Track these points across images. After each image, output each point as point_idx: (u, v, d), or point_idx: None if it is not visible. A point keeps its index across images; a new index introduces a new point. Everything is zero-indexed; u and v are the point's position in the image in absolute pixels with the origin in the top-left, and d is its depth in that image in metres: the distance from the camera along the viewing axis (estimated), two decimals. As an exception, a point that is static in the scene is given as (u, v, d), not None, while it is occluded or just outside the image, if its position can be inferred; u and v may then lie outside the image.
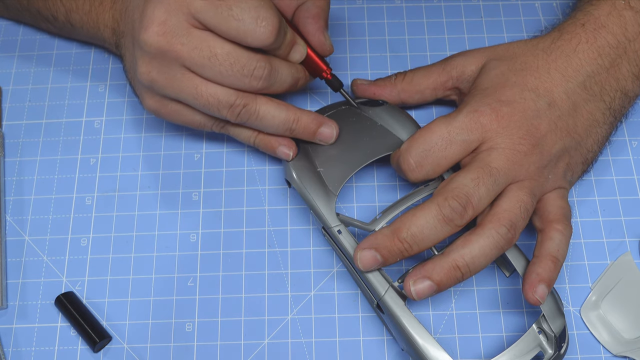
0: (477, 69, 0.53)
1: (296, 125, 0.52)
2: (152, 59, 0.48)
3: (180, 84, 0.49)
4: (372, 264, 0.47)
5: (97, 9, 0.56)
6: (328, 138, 0.53)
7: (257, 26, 0.46)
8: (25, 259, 0.54)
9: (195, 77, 0.49)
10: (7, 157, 0.58)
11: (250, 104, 0.50)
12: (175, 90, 0.49)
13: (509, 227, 0.46)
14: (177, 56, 0.48)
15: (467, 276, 0.46)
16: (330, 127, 0.53)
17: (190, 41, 0.47)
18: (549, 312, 0.48)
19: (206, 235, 0.55)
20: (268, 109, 0.50)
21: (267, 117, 0.51)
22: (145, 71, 0.49)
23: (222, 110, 0.49)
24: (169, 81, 0.49)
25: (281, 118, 0.51)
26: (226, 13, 0.46)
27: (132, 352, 0.51)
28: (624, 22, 0.52)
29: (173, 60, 0.48)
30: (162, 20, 0.47)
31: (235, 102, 0.49)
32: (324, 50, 0.53)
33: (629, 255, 0.54)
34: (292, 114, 0.51)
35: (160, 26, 0.47)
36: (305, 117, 0.52)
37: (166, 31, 0.47)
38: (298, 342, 0.52)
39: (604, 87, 0.51)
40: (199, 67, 0.48)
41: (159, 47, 0.47)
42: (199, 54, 0.47)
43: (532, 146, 0.48)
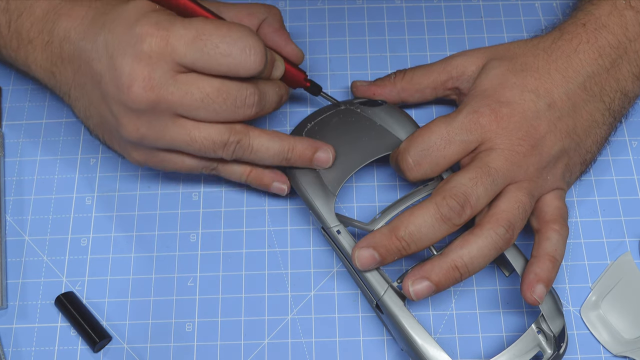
0: (477, 69, 0.53)
1: (291, 154, 0.51)
2: (140, 115, 0.46)
3: (172, 134, 0.47)
4: (370, 262, 0.47)
5: (25, 47, 0.51)
6: (325, 163, 0.52)
7: (248, 56, 0.45)
8: (25, 259, 0.54)
9: (187, 123, 0.47)
10: (7, 157, 0.58)
11: (244, 140, 0.49)
12: (168, 140, 0.48)
13: (507, 228, 0.46)
14: (168, 106, 0.46)
15: (465, 276, 0.46)
16: (326, 151, 0.52)
17: (180, 88, 0.45)
18: (548, 312, 0.48)
19: (206, 235, 0.55)
20: (261, 141, 0.50)
21: (261, 149, 0.50)
22: (133, 129, 0.47)
23: (217, 150, 0.48)
24: (160, 133, 0.47)
25: (275, 149, 0.50)
26: (213, 52, 0.45)
27: (132, 352, 0.52)
28: (625, 22, 0.51)
29: (164, 111, 0.46)
30: (146, 75, 0.45)
31: (228, 140, 0.48)
32: (298, 58, 0.54)
33: (629, 255, 0.54)
34: (286, 143, 0.50)
35: (145, 81, 0.45)
36: (300, 145, 0.51)
37: (153, 85, 0.45)
38: (298, 342, 0.52)
39: (603, 87, 0.51)
40: (193, 110, 0.46)
41: (148, 103, 0.45)
42: (191, 98, 0.46)
43: (531, 147, 0.48)
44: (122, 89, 0.45)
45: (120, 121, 0.47)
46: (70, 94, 0.51)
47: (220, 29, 0.45)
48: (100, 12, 0.48)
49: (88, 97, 0.49)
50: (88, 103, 0.50)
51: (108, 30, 0.46)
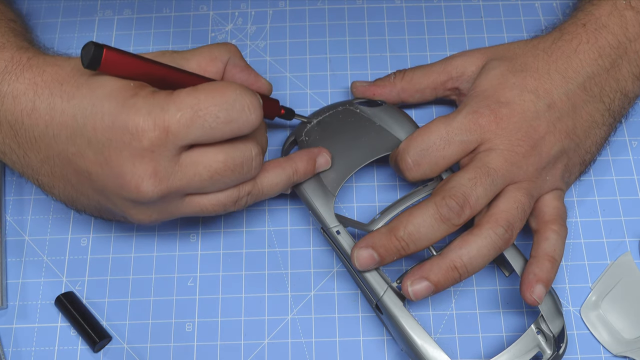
0: (477, 69, 0.53)
1: (297, 177, 0.50)
2: (150, 205, 0.44)
3: (183, 210, 0.46)
4: (369, 263, 0.47)
5: None
6: (325, 166, 0.52)
7: (249, 116, 0.43)
8: (25, 259, 0.55)
9: (196, 198, 0.46)
10: (8, 157, 0.58)
11: (253, 190, 0.47)
12: (180, 215, 0.47)
13: (507, 228, 0.46)
14: (177, 192, 0.44)
15: (464, 277, 0.46)
16: (323, 156, 0.51)
17: (186, 172, 0.43)
18: (548, 312, 0.48)
19: (206, 235, 0.55)
20: (268, 181, 0.48)
21: (271, 187, 0.48)
22: (144, 217, 0.46)
23: (230, 209, 0.47)
24: (172, 213, 0.46)
25: (282, 180, 0.49)
26: (214, 123, 0.42)
27: (132, 352, 0.52)
28: (625, 22, 0.51)
29: (175, 195, 0.44)
30: (151, 171, 0.42)
31: (239, 197, 0.47)
32: (268, 92, 0.54)
33: (629, 255, 0.54)
34: (289, 169, 0.49)
35: (152, 178, 0.42)
36: (300, 163, 0.50)
37: (161, 178, 0.42)
38: (298, 342, 0.52)
39: (603, 88, 0.51)
40: (202, 189, 0.45)
41: (159, 196, 0.43)
42: (200, 179, 0.44)
43: (530, 147, 0.48)
44: (129, 189, 0.42)
45: (129, 212, 0.45)
46: (40, 180, 0.47)
47: (214, 97, 0.42)
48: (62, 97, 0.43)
49: (73, 188, 0.46)
50: (75, 193, 0.47)
51: (84, 124, 0.42)
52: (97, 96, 0.42)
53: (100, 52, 0.41)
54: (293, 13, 0.63)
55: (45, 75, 0.45)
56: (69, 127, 0.43)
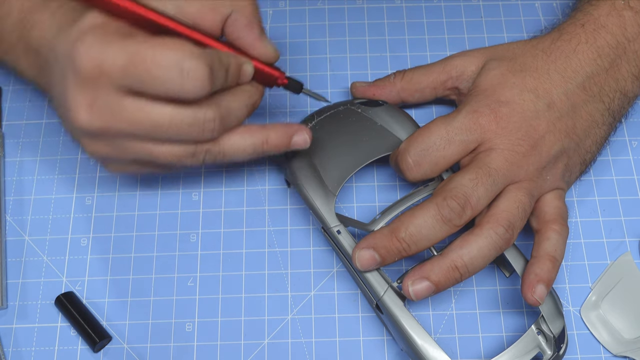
0: (476, 69, 0.53)
1: (267, 147, 0.48)
2: (94, 138, 0.44)
3: (132, 151, 0.45)
4: (370, 263, 0.47)
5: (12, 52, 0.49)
6: (302, 145, 0.49)
7: (185, 80, 0.41)
8: (25, 259, 0.55)
9: (146, 143, 0.44)
10: (7, 157, 0.58)
11: (213, 148, 0.46)
12: (131, 157, 0.45)
13: (507, 228, 0.46)
14: (118, 133, 0.43)
15: (465, 277, 0.46)
16: (301, 135, 0.49)
17: (127, 115, 0.42)
18: (548, 313, 0.48)
19: (206, 235, 0.55)
20: (232, 143, 0.46)
21: (234, 151, 0.47)
22: (93, 151, 0.45)
23: (185, 161, 0.46)
24: (121, 152, 0.45)
25: (249, 146, 0.47)
26: (147, 76, 0.41)
27: (132, 352, 0.52)
28: (624, 23, 0.51)
29: (117, 136, 0.44)
30: (88, 102, 0.42)
31: (195, 151, 0.45)
32: (269, 57, 0.48)
33: (629, 255, 0.54)
34: (258, 137, 0.47)
35: (88, 109, 0.42)
36: (273, 134, 0.47)
37: (100, 113, 0.42)
38: (298, 342, 0.52)
39: (603, 88, 0.51)
40: (147, 136, 0.43)
41: (97, 130, 0.43)
42: (141, 126, 0.43)
43: (530, 147, 0.48)
44: (70, 115, 0.43)
45: (80, 142, 0.45)
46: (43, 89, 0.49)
47: (155, 53, 0.41)
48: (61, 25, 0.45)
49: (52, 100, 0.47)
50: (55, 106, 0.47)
51: (59, 44, 0.43)
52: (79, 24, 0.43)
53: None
54: (293, 13, 0.63)
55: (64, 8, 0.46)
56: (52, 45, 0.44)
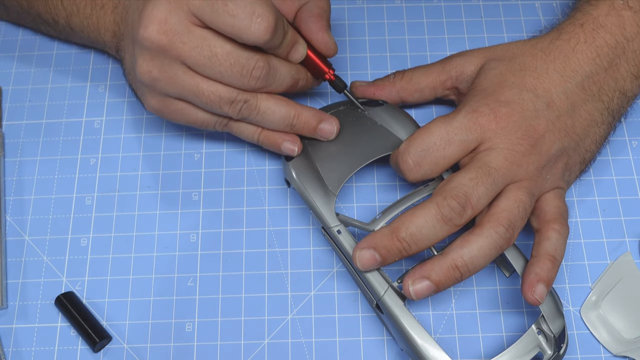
0: (476, 69, 0.53)
1: (297, 121, 0.52)
2: (153, 57, 0.48)
3: (182, 82, 0.49)
4: (371, 263, 0.47)
5: (98, 12, 0.56)
6: (328, 134, 0.53)
7: (252, 22, 0.46)
8: (25, 259, 0.55)
9: (196, 75, 0.49)
10: (7, 157, 0.58)
11: (251, 100, 0.50)
12: (177, 88, 0.49)
13: (508, 227, 0.46)
14: (178, 55, 0.48)
15: (465, 276, 0.46)
16: (330, 123, 0.53)
17: (191, 40, 0.47)
18: (549, 312, 0.48)
19: (206, 235, 0.55)
20: (269, 104, 0.51)
21: (267, 112, 0.51)
22: (146, 70, 0.49)
23: (223, 106, 0.50)
24: (170, 79, 0.49)
25: (282, 113, 0.51)
26: (222, 9, 0.45)
27: (132, 352, 0.52)
28: (623, 22, 0.52)
29: (174, 59, 0.48)
30: (163, 18, 0.47)
31: (236, 99, 0.49)
32: (328, 49, 0.52)
33: (629, 255, 0.54)
34: (292, 109, 0.51)
35: (160, 24, 0.47)
36: (306, 112, 0.52)
37: (167, 29, 0.47)
38: (298, 342, 0.52)
39: (602, 87, 0.51)
40: (200, 66, 0.48)
41: (160, 45, 0.47)
42: (200, 53, 0.47)
43: (530, 146, 0.48)
44: (140, 28, 0.47)
45: (137, 61, 0.49)
46: (120, 46, 0.55)
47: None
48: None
49: (127, 43, 0.53)
50: (124, 51, 0.54)
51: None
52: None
53: None
54: (293, 13, 0.63)
55: None
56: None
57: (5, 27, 0.64)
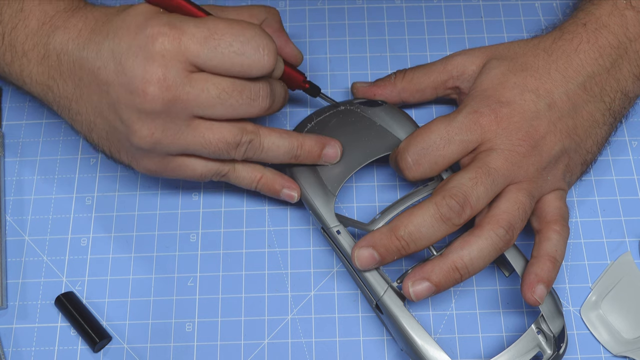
0: (477, 68, 0.53)
1: (301, 151, 0.51)
2: (155, 118, 0.45)
3: (186, 137, 0.47)
4: (369, 262, 0.47)
5: (20, 60, 0.49)
6: (333, 158, 0.52)
7: (262, 55, 0.45)
8: (25, 259, 0.55)
9: (200, 125, 0.47)
10: (7, 157, 0.58)
11: (255, 139, 0.49)
12: (182, 144, 0.47)
13: (507, 229, 0.46)
14: (185, 106, 0.45)
15: (465, 277, 0.46)
16: (333, 147, 0.52)
17: (194, 86, 0.45)
18: (548, 312, 0.48)
19: (206, 235, 0.55)
20: (272, 139, 0.50)
21: (272, 148, 0.50)
22: (147, 134, 0.46)
23: (230, 152, 0.48)
24: (174, 137, 0.46)
25: (285, 147, 0.50)
26: (227, 50, 0.44)
27: (132, 352, 0.52)
28: (625, 22, 0.51)
29: (180, 112, 0.45)
30: (161, 76, 0.44)
31: (241, 141, 0.48)
32: (297, 59, 0.54)
33: (629, 255, 0.54)
34: (295, 140, 0.51)
35: (160, 83, 0.44)
36: (308, 141, 0.51)
37: (169, 85, 0.44)
38: (298, 342, 0.52)
39: (604, 88, 0.51)
40: (209, 108, 0.46)
41: (165, 103, 0.44)
42: (208, 95, 0.45)
43: (531, 147, 0.48)
44: (137, 92, 0.44)
45: (133, 127, 0.46)
46: (71, 107, 0.49)
47: (233, 27, 0.45)
48: (101, 21, 0.47)
49: (93, 109, 0.48)
50: (93, 116, 0.48)
51: (113, 37, 0.45)
52: (130, 14, 0.46)
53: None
54: (293, 13, 0.63)
55: (95, 12, 0.49)
56: (100, 44, 0.46)
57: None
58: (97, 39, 0.46)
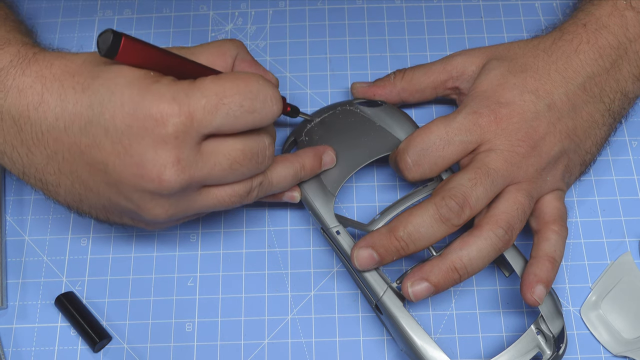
0: (477, 68, 0.53)
1: (304, 173, 0.50)
2: (169, 198, 0.43)
3: (200, 204, 0.45)
4: (369, 262, 0.47)
5: None
6: (330, 164, 0.52)
7: (271, 107, 0.43)
8: (25, 259, 0.55)
9: (211, 190, 0.45)
10: (8, 157, 0.58)
11: (264, 180, 0.47)
12: (196, 210, 0.46)
13: (506, 229, 0.46)
14: (198, 183, 0.43)
15: (464, 278, 0.46)
16: (329, 154, 0.52)
17: (207, 162, 0.42)
18: (548, 312, 0.48)
19: (206, 235, 0.55)
20: (277, 172, 0.48)
21: (279, 181, 0.48)
22: (161, 212, 0.43)
23: (243, 201, 0.47)
24: (188, 207, 0.45)
25: (291, 175, 0.49)
26: (238, 112, 0.41)
27: (132, 352, 0.52)
28: (625, 23, 0.51)
29: (193, 188, 0.43)
30: (175, 158, 0.40)
31: (252, 187, 0.46)
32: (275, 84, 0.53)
33: (629, 255, 0.54)
34: (297, 164, 0.49)
35: (176, 165, 0.41)
36: (307, 159, 0.50)
37: (184, 167, 0.41)
38: (298, 342, 0.52)
39: (603, 88, 0.51)
40: (223, 179, 0.44)
41: (182, 186, 0.42)
42: (220, 168, 0.43)
43: (530, 148, 0.48)
44: (150, 178, 0.41)
45: (145, 207, 0.43)
46: (46, 180, 0.45)
47: (238, 86, 0.42)
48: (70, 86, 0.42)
49: (81, 184, 0.44)
50: (82, 189, 0.44)
51: (101, 112, 0.40)
52: (116, 84, 0.41)
53: (118, 39, 0.40)
54: (293, 13, 0.63)
55: (53, 68, 0.43)
56: (83, 118, 0.41)
57: (5, 27, 0.64)
58: (74, 111, 0.41)
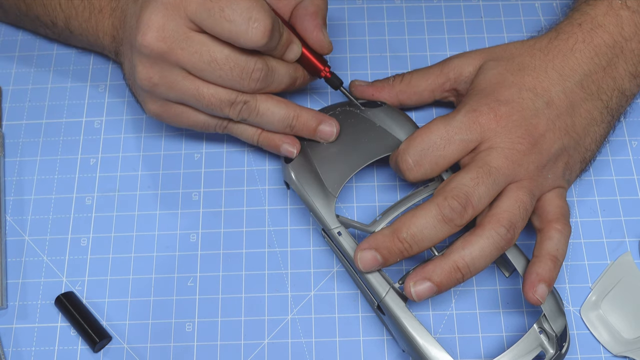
0: (474, 70, 0.53)
1: (296, 122, 0.52)
2: (152, 63, 0.48)
3: (182, 87, 0.49)
4: (372, 264, 0.47)
5: (96, 16, 0.56)
6: (328, 135, 0.53)
7: (249, 27, 0.46)
8: (25, 259, 0.54)
9: (196, 80, 0.49)
10: (7, 157, 0.58)
11: (251, 101, 0.50)
12: (178, 93, 0.50)
13: (509, 228, 0.46)
14: (177, 61, 0.48)
15: (467, 277, 0.46)
16: (330, 124, 0.53)
17: (190, 45, 0.47)
18: (550, 312, 0.48)
19: (206, 235, 0.55)
20: (268, 105, 0.51)
21: (267, 113, 0.51)
22: (145, 76, 0.49)
23: (224, 109, 0.50)
24: (170, 85, 0.49)
25: (281, 114, 0.51)
26: (218, 15, 0.46)
27: (132, 352, 0.51)
28: (621, 22, 0.52)
29: (173, 64, 0.48)
30: (160, 25, 0.47)
31: (236, 100, 0.50)
32: (323, 47, 0.53)
33: (629, 255, 0.54)
34: (291, 110, 0.52)
35: (159, 31, 0.47)
36: (305, 113, 0.52)
37: (165, 36, 0.47)
38: (298, 342, 0.52)
39: (601, 86, 0.51)
40: (199, 71, 0.48)
41: (159, 52, 0.48)
42: (199, 58, 0.48)
43: (531, 145, 0.48)
44: (138, 35, 0.47)
45: (137, 68, 0.49)
46: (119, 51, 0.55)
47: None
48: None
49: (125, 50, 0.53)
50: (125, 58, 0.54)
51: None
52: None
53: None
54: (293, 13, 0.63)
55: None
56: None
57: (5, 27, 0.64)
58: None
